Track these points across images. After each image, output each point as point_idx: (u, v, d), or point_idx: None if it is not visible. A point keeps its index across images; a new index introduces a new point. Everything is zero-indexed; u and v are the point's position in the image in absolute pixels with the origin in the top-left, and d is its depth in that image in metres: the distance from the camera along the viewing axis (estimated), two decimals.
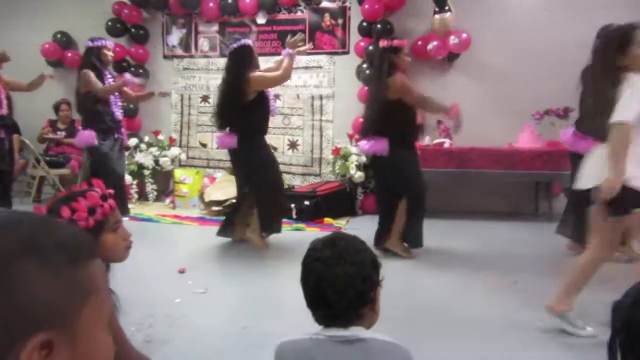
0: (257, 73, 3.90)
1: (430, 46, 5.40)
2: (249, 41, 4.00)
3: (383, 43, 3.78)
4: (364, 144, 3.83)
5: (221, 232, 4.18)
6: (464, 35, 5.40)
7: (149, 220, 4.94)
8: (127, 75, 4.93)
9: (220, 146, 4.23)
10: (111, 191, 1.53)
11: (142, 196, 6.06)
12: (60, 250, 0.55)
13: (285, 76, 3.91)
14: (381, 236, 3.86)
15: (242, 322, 2.60)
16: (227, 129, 4.02)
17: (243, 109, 3.85)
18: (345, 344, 1.13)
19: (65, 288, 0.54)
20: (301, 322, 1.25)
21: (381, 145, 3.70)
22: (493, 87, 5.59)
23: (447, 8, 5.34)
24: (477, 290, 3.15)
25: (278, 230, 4.11)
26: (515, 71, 5.45)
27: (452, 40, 5.39)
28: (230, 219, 4.19)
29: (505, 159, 4.99)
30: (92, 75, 4.58)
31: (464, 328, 2.58)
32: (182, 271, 3.42)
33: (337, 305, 1.15)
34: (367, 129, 3.83)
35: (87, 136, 4.66)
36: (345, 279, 1.14)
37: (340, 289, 1.14)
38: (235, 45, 3.95)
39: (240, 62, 3.87)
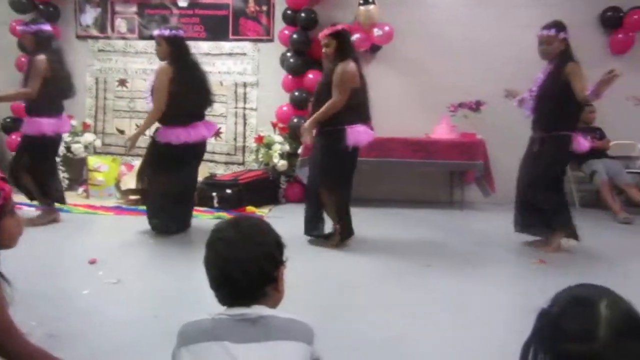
0: None
1: (353, 37, 5.47)
2: None
3: None
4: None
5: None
6: (387, 28, 5.53)
7: (59, 210, 4.65)
8: None
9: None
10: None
11: None
12: None
13: None
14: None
15: (154, 311, 2.52)
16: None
17: None
18: (247, 322, 1.14)
19: None
20: (214, 309, 1.22)
21: None
22: (413, 79, 5.78)
23: (371, 1, 5.44)
24: (392, 273, 3.26)
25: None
26: (434, 65, 5.67)
27: (376, 32, 5.51)
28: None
29: (422, 148, 5.18)
30: None
31: (380, 310, 2.67)
32: (93, 262, 3.25)
33: (240, 284, 1.16)
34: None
35: None
36: (248, 257, 1.16)
37: (243, 267, 1.16)
38: None
39: None
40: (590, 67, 5.50)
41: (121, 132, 6.10)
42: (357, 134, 3.59)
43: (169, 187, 3.93)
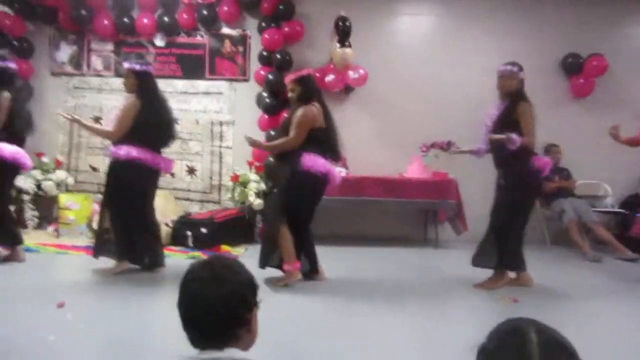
0: None
1: (328, 78, 5.62)
2: None
3: None
4: None
5: None
6: (361, 71, 5.69)
7: (27, 250, 4.51)
8: None
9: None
10: None
11: (20, 223, 5.53)
12: None
13: None
14: None
15: (126, 356, 2.44)
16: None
17: None
18: None
19: None
20: (186, 352, 1.20)
21: None
22: (385, 120, 5.92)
23: (347, 44, 5.61)
24: (364, 313, 3.25)
25: None
26: (406, 106, 5.83)
27: (352, 75, 5.66)
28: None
29: (396, 187, 5.27)
30: None
31: (352, 351, 2.64)
32: (61, 305, 3.14)
33: (212, 326, 1.15)
34: None
35: None
36: (220, 299, 1.15)
37: (215, 309, 1.15)
38: None
39: None
40: (552, 109, 5.76)
41: (95, 169, 6.03)
42: (312, 161, 3.64)
43: (130, 217, 3.89)
